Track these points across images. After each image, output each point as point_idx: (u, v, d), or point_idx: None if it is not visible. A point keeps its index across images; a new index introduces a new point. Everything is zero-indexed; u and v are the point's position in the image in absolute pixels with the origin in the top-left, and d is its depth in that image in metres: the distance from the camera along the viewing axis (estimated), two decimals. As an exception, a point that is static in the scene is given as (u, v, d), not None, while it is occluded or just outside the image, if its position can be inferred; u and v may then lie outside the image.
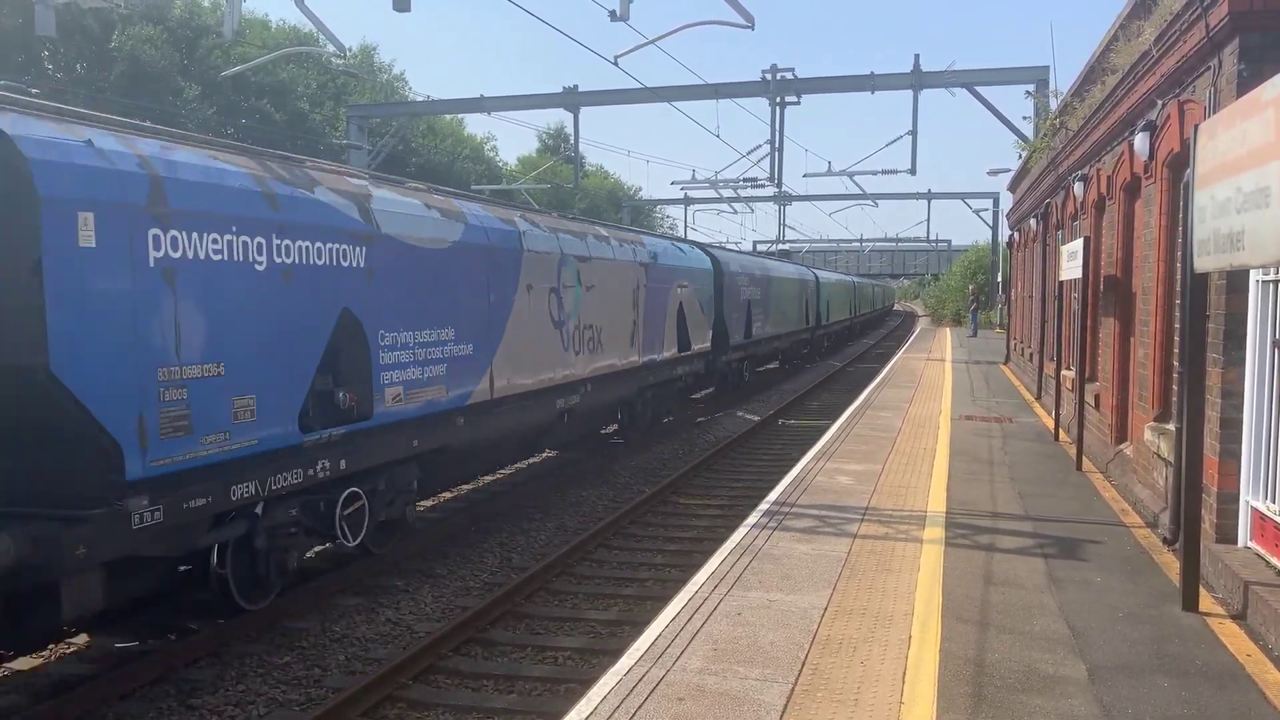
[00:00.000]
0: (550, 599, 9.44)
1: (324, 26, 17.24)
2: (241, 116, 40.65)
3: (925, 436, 14.04)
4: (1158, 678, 5.47)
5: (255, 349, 7.64)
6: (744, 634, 6.14)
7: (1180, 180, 7.61)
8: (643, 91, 25.52)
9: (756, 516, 9.26)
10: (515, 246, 11.88)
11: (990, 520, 9.10)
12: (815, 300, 37.19)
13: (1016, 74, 24.07)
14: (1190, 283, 6.51)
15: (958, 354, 31.40)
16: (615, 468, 15.77)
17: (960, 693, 5.25)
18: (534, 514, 12.67)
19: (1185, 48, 7.94)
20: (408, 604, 9.24)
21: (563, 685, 7.32)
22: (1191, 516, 6.62)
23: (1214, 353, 7.26)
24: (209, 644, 7.93)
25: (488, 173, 59.91)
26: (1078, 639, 6.06)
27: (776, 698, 5.19)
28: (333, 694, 7.11)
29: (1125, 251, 11.43)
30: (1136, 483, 9.85)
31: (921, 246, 79.90)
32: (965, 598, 6.81)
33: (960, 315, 50.99)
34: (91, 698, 6.90)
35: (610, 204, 70.28)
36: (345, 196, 8.92)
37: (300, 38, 44.98)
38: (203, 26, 39.48)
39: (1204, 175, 5.99)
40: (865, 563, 7.68)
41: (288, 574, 8.70)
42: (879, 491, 10.29)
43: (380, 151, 31.79)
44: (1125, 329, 11.26)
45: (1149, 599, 6.85)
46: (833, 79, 26.75)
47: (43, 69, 34.55)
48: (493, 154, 65.75)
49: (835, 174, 36.15)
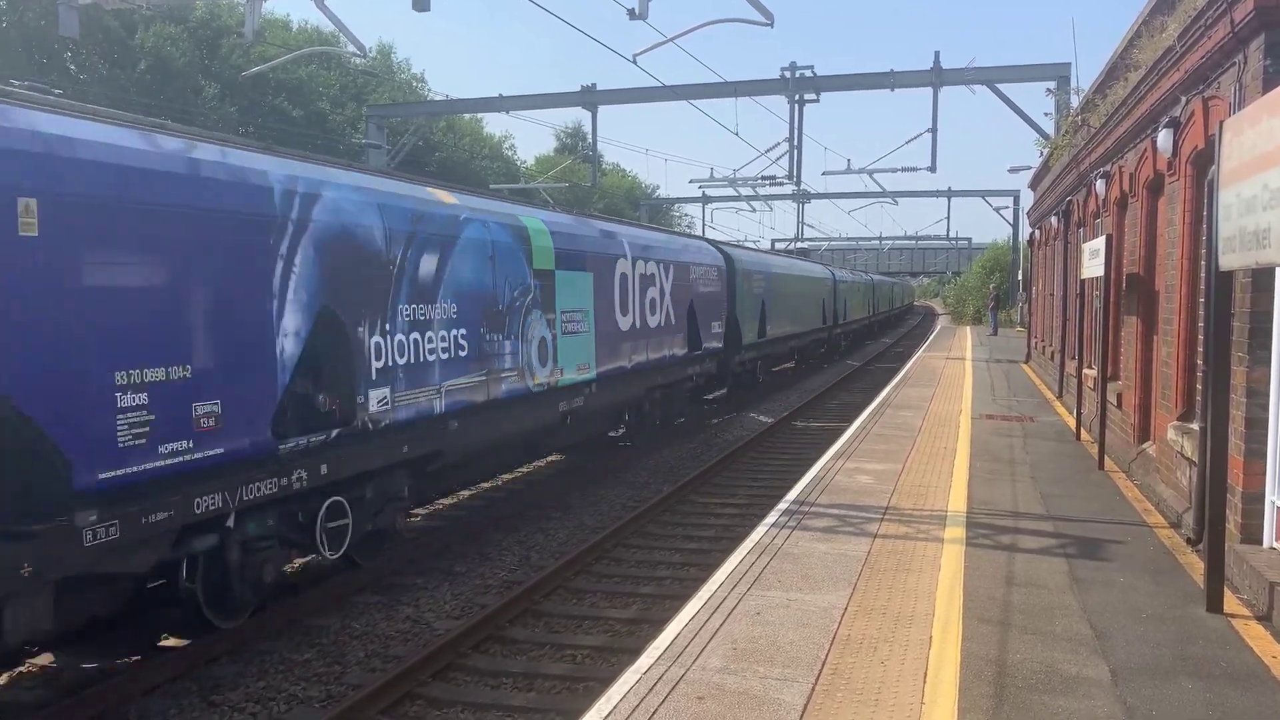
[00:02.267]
0: (569, 597, 9.44)
1: (344, 26, 17.27)
2: (260, 115, 40.88)
3: (946, 436, 13.97)
4: (1182, 679, 5.42)
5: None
6: (764, 633, 6.12)
7: (1204, 177, 7.54)
8: (661, 90, 25.47)
9: (775, 515, 9.23)
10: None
11: (1012, 520, 9.04)
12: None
13: (1037, 71, 23.93)
14: (1215, 280, 6.44)
15: (978, 352, 31.23)
16: (634, 467, 15.77)
17: (982, 693, 5.21)
18: (553, 512, 12.69)
19: (1210, 43, 7.86)
20: (427, 601, 9.27)
21: (581, 683, 7.32)
22: (1216, 517, 6.55)
23: (1239, 351, 7.19)
24: (230, 640, 7.97)
25: (506, 171, 60.03)
26: (1100, 640, 6.01)
27: (796, 697, 5.17)
28: (353, 691, 7.14)
29: (1148, 249, 11.33)
30: (1160, 482, 9.77)
31: (941, 244, 79.45)
32: (987, 598, 6.77)
33: (980, 314, 50.76)
34: (115, 693, 6.96)
35: (628, 203, 70.29)
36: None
37: (321, 38, 45.19)
38: (223, 27, 39.72)
39: (1229, 172, 5.92)
40: (886, 562, 7.64)
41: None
42: (899, 491, 10.24)
43: (400, 151, 31.88)
44: (1148, 327, 11.17)
45: (1173, 600, 6.78)
46: (852, 76, 26.67)
47: (65, 69, 34.83)
48: (511, 152, 65.90)
49: (855, 172, 36.07)
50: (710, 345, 19.62)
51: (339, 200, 8.65)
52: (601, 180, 49.20)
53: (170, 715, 6.86)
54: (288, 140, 36.60)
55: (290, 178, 8.14)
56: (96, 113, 7.00)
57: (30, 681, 7.36)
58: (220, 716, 6.85)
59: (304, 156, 9.21)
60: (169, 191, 6.86)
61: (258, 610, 8.24)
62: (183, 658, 7.57)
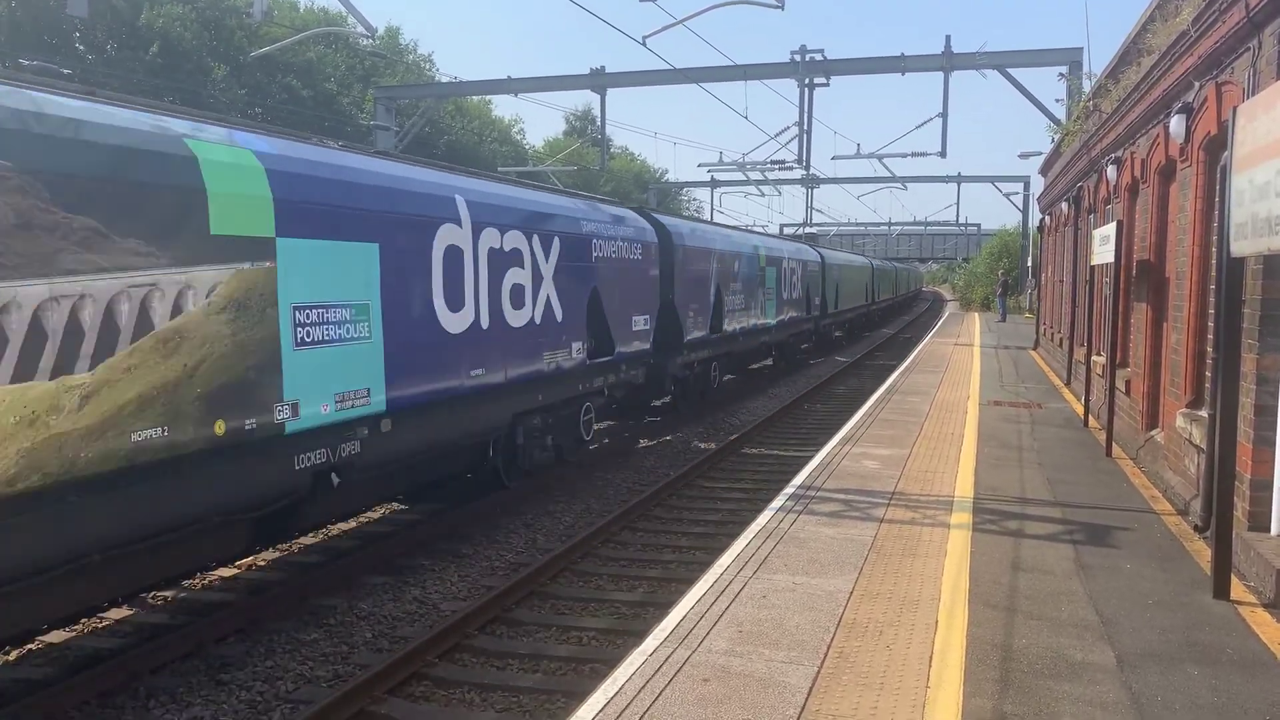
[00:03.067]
0: (575, 580, 9.47)
1: (352, 7, 17.25)
2: (269, 96, 40.85)
3: (953, 421, 13.95)
4: (1188, 666, 5.42)
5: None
6: (769, 616, 6.14)
7: (1217, 163, 7.48)
8: (671, 73, 25.39)
9: (782, 500, 9.24)
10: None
11: (1018, 506, 9.03)
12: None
13: (1049, 55, 23.75)
14: (1226, 267, 6.40)
15: (986, 339, 31.15)
16: (644, 461, 15.76)
17: (987, 678, 5.22)
18: (559, 496, 12.71)
19: (1224, 28, 7.79)
20: (434, 583, 9.30)
21: (588, 665, 7.35)
22: (1224, 504, 6.53)
23: (1249, 338, 7.16)
24: (238, 620, 8.02)
25: (515, 154, 59.96)
26: (1107, 626, 6.01)
27: (802, 680, 5.18)
28: (360, 670, 7.18)
29: (1159, 236, 11.28)
30: (1167, 469, 9.75)
31: (950, 230, 79.23)
32: (993, 583, 6.77)
33: (989, 300, 50.58)
34: (123, 671, 7.00)
35: (637, 186, 70.17)
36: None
37: (328, 19, 45.12)
38: (229, 7, 39.65)
39: (1242, 158, 5.88)
40: (892, 547, 7.65)
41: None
42: (906, 476, 10.24)
43: (408, 132, 31.83)
44: (1158, 314, 11.12)
45: (1179, 586, 6.78)
46: (863, 60, 26.50)
47: (73, 49, 34.82)
48: (520, 136, 65.83)
49: (864, 156, 35.93)
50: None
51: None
52: (610, 163, 49.08)
53: (178, 693, 6.90)
54: (298, 122, 36.58)
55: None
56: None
57: (38, 659, 7.41)
58: (228, 695, 6.90)
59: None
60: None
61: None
62: (191, 636, 7.61)
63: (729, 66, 25.73)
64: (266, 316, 7.57)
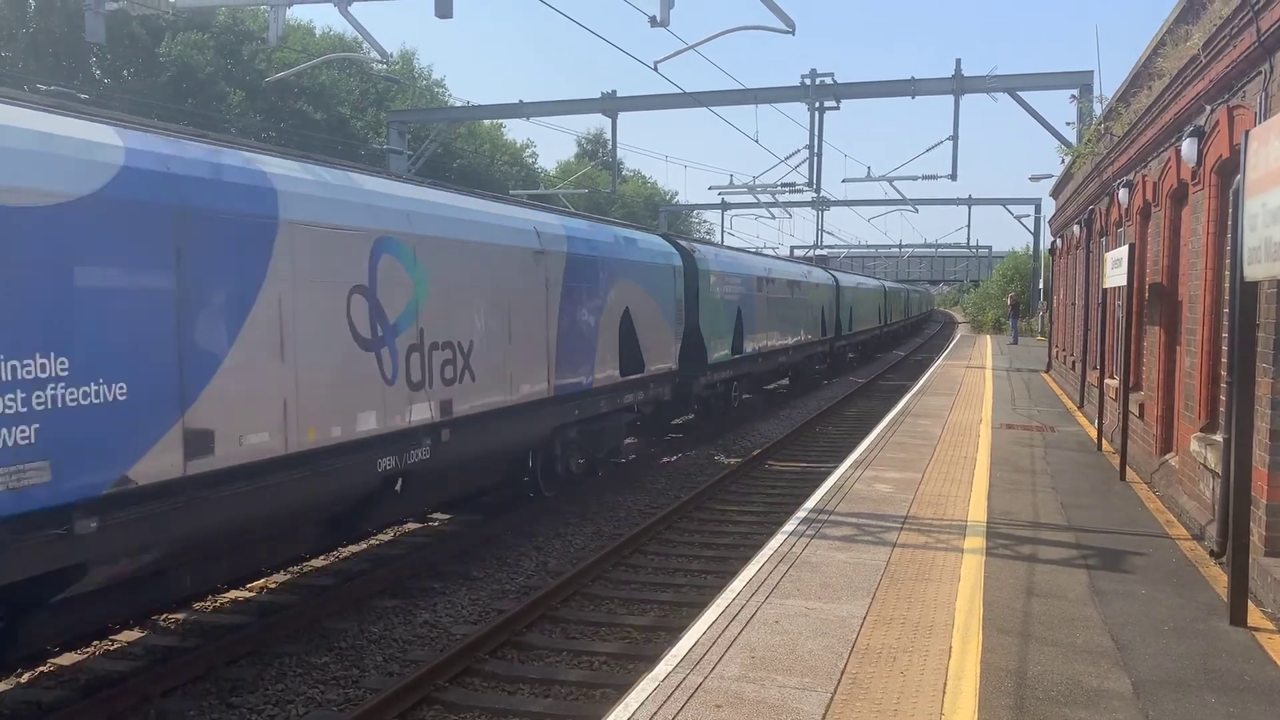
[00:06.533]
0: (586, 603, 9.44)
1: (367, 33, 17.39)
2: (283, 120, 41.20)
3: (966, 445, 13.90)
4: (1205, 693, 5.37)
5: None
6: (782, 642, 6.10)
7: (1229, 187, 7.46)
8: (681, 96, 25.51)
9: (794, 524, 9.21)
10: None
11: (1032, 530, 8.98)
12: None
13: (1060, 79, 23.79)
14: (1240, 291, 6.39)
15: (998, 361, 31.06)
16: (651, 474, 15.74)
17: (1002, 705, 5.18)
18: (570, 518, 12.69)
19: (1235, 53, 7.80)
20: (444, 606, 9.29)
21: (599, 690, 7.32)
22: (1240, 529, 6.49)
23: (1264, 362, 7.12)
24: (249, 643, 8.01)
25: (526, 177, 60.26)
26: (1122, 652, 5.96)
27: (815, 707, 5.15)
28: (370, 695, 7.16)
29: (1171, 259, 11.25)
30: (1182, 494, 9.68)
31: (961, 252, 79.13)
32: (1007, 608, 6.73)
33: (1000, 322, 50.47)
34: (135, 693, 7.00)
35: (647, 208, 70.37)
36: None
37: (343, 44, 45.53)
38: (245, 32, 40.06)
39: (1255, 182, 5.88)
40: (905, 572, 7.61)
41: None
42: (918, 500, 10.19)
43: (421, 156, 32.04)
44: (1171, 337, 11.08)
45: (1195, 612, 6.72)
46: (873, 84, 26.56)
47: (90, 74, 35.20)
48: (532, 160, 66.15)
49: (875, 179, 35.91)
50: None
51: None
52: (621, 187, 49.28)
53: (189, 716, 6.90)
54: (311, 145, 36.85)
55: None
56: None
57: (50, 681, 7.42)
58: (239, 718, 6.88)
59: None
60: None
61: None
62: (202, 658, 7.61)
63: (739, 90, 25.84)
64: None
